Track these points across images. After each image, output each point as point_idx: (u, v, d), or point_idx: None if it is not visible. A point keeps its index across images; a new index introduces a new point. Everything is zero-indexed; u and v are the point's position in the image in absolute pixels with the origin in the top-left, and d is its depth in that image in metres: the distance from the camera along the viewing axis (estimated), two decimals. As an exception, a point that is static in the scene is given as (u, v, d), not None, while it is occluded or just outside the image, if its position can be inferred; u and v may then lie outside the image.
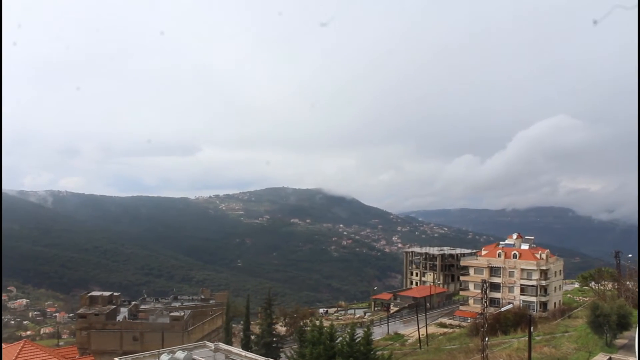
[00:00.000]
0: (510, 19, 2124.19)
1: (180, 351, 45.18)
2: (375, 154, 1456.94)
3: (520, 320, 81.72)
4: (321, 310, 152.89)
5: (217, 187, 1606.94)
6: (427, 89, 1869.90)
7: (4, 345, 54.11)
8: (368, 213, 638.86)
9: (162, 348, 61.35)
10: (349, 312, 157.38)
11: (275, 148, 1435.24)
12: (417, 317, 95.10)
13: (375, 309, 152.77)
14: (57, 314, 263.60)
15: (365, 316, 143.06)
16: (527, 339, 47.82)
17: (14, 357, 44.83)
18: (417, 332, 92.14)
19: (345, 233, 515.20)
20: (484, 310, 56.42)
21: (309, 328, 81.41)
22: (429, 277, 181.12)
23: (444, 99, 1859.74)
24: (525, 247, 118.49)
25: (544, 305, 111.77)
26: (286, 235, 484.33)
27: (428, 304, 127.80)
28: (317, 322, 56.81)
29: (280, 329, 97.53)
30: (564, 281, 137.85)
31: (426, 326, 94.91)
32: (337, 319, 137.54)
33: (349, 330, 47.53)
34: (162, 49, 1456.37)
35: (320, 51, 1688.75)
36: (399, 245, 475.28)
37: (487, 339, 53.40)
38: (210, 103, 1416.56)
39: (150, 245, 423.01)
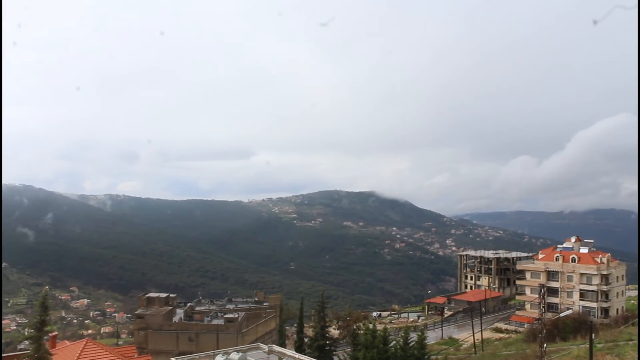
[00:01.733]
0: (568, 14, 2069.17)
1: (235, 352, 45.65)
2: (430, 156, 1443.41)
3: (580, 326, 79.46)
4: (374, 314, 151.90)
5: (270, 190, 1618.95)
6: (483, 89, 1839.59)
7: (68, 343, 55.94)
8: (421, 216, 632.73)
9: (217, 349, 62.15)
10: (402, 315, 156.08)
11: (328, 151, 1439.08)
12: (472, 322, 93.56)
13: (429, 312, 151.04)
14: (116, 314, 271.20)
15: (419, 320, 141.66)
16: (587, 346, 46.37)
17: (77, 355, 46.24)
18: (472, 336, 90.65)
19: (398, 236, 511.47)
20: (541, 315, 54.98)
21: (362, 331, 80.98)
22: (483, 280, 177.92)
23: (500, 99, 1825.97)
24: (584, 250, 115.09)
25: (605, 311, 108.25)
26: (339, 238, 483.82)
27: (483, 309, 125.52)
28: (371, 326, 56.58)
29: (333, 331, 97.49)
30: (627, 287, 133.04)
31: (481, 331, 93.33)
32: (391, 322, 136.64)
33: (402, 334, 47.19)
34: (218, 55, 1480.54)
35: (375, 53, 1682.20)
36: (453, 248, 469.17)
37: (545, 345, 52.05)
38: (266, 107, 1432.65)
39: (205, 248, 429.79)
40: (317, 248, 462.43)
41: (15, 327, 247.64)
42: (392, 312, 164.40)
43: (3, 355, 66.51)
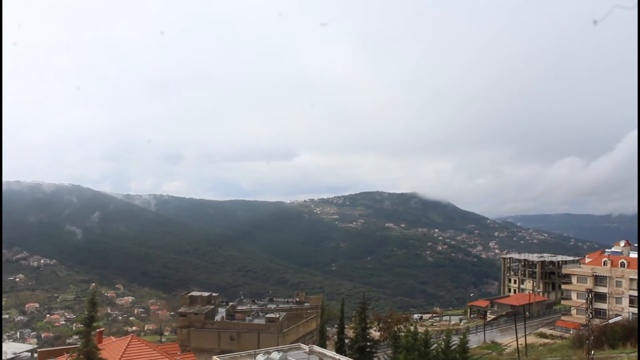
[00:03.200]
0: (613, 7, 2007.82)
1: (276, 352, 46.01)
2: (472, 157, 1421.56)
3: (630, 334, 77.21)
4: (415, 316, 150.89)
5: (312, 191, 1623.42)
6: (527, 87, 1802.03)
7: (113, 338, 57.23)
8: (464, 218, 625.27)
9: (258, 348, 62.66)
10: (444, 318, 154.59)
11: (370, 152, 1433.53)
12: (516, 326, 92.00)
13: (471, 316, 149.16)
14: (159, 312, 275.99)
15: (461, 323, 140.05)
16: (637, 354, 45.09)
17: (122, 350, 47.29)
18: (515, 341, 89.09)
19: (440, 238, 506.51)
20: (589, 321, 53.74)
21: (403, 333, 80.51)
22: (527, 284, 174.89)
23: (546, 98, 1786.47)
24: (634, 255, 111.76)
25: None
26: (380, 240, 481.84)
27: (527, 313, 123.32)
28: (412, 328, 56.24)
29: (374, 333, 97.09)
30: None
31: (525, 336, 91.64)
32: (432, 325, 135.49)
33: (444, 337, 46.73)
34: (263, 57, 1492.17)
35: (417, 55, 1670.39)
36: (496, 251, 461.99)
37: (592, 352, 50.81)
38: (309, 109, 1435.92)
39: (247, 248, 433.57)
40: (358, 249, 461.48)
41: (64, 322, 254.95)
42: (434, 315, 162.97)
43: (55, 348, 68.22)
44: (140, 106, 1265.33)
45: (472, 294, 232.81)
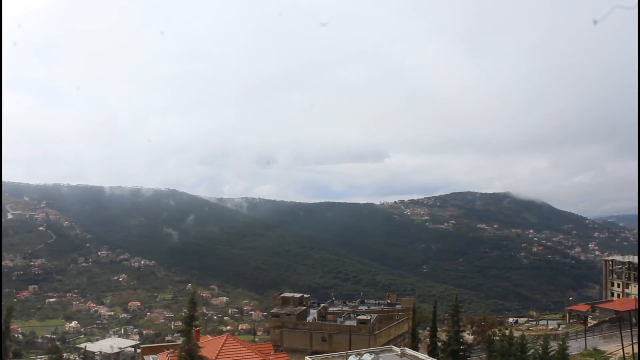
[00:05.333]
0: None
1: (367, 354, 45.96)
2: (570, 154, 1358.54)
3: None
4: (510, 320, 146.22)
5: (402, 192, 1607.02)
6: (630, 80, 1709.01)
7: (210, 337, 59.06)
8: (560, 218, 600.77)
9: (350, 350, 62.82)
10: (541, 322, 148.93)
11: (462, 152, 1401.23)
12: (621, 333, 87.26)
13: (570, 321, 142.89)
14: (252, 312, 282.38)
15: (559, 328, 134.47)
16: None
17: (219, 348, 48.77)
18: (620, 349, 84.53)
19: (535, 239, 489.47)
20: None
21: (497, 337, 78.53)
22: (632, 288, 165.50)
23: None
24: None
25: None
26: (472, 241, 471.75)
27: (633, 319, 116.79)
28: (507, 332, 54.65)
29: (468, 337, 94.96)
30: None
31: (632, 344, 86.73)
32: (528, 329, 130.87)
33: (541, 342, 45.08)
34: (355, 58, 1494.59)
35: (514, 50, 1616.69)
36: (597, 252, 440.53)
37: None
38: (401, 109, 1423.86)
39: (338, 250, 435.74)
40: (450, 251, 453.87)
41: (163, 320, 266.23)
42: (530, 319, 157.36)
43: (156, 344, 71.23)
44: (234, 111, 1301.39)
45: (570, 298, 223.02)
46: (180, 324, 43.24)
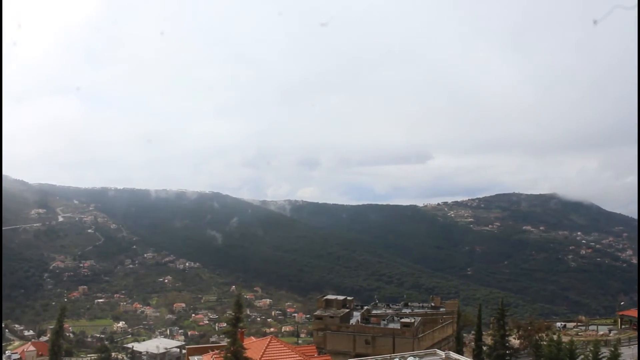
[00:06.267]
0: None
1: (412, 357, 45.73)
2: (622, 153, 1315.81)
3: None
4: (558, 324, 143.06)
5: (445, 194, 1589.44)
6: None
7: (254, 339, 59.72)
8: (610, 220, 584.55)
9: (393, 353, 62.59)
10: (591, 328, 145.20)
11: (507, 152, 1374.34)
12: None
13: (623, 326, 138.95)
14: (295, 315, 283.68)
15: (610, 334, 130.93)
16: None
17: (263, 350, 49.26)
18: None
19: (584, 241, 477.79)
20: None
21: (545, 342, 77.06)
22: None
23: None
24: None
25: None
26: (518, 243, 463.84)
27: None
28: (555, 337, 53.58)
29: (514, 341, 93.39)
30: None
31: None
32: (577, 334, 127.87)
33: (591, 348, 44.04)
34: (398, 58, 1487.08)
35: (559, 46, 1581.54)
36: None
37: None
38: (445, 110, 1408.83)
39: (381, 252, 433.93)
40: (494, 253, 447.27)
41: (207, 322, 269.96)
42: (579, 324, 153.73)
43: (201, 345, 72.34)
44: (278, 114, 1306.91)
45: (622, 302, 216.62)
46: (225, 325, 44.02)
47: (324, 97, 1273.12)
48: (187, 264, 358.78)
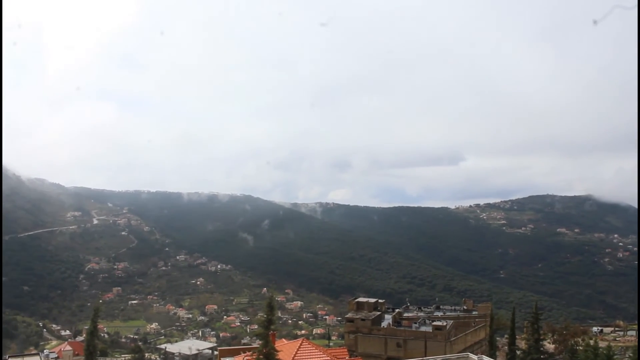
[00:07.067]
0: None
1: (444, 360, 45.30)
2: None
3: None
4: (594, 329, 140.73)
5: (477, 196, 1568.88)
6: None
7: (285, 341, 59.95)
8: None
9: (425, 356, 62.20)
10: (629, 333, 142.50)
11: (540, 153, 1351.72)
12: None
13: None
14: (326, 317, 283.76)
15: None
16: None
17: (294, 352, 49.44)
18: None
19: (620, 244, 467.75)
20: None
21: (581, 347, 75.88)
22: None
23: None
24: None
25: None
26: (552, 246, 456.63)
27: None
28: (591, 342, 52.61)
29: (549, 345, 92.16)
30: None
31: None
32: (615, 340, 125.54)
33: (630, 355, 43.10)
34: (430, 58, 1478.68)
35: (596, 46, 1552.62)
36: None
37: None
38: (478, 111, 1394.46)
39: (412, 255, 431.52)
40: (528, 256, 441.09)
41: (239, 324, 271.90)
42: (617, 329, 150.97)
43: (233, 347, 72.90)
44: (309, 116, 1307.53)
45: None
46: (256, 327, 44.31)
47: (356, 98, 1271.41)
48: (219, 266, 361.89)
